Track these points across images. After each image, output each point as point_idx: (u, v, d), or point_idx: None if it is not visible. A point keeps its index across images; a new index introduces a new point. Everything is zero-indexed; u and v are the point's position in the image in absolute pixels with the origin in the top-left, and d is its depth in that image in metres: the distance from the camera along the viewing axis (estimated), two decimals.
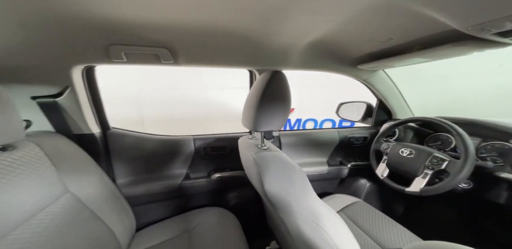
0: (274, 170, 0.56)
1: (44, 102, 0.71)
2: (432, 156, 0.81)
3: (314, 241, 0.55)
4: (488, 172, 0.74)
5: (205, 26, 0.57)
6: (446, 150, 0.95)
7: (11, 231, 0.45)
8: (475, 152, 0.75)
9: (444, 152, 0.88)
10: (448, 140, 0.97)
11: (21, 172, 0.51)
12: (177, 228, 0.87)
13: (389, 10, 0.50)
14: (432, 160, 0.81)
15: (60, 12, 0.47)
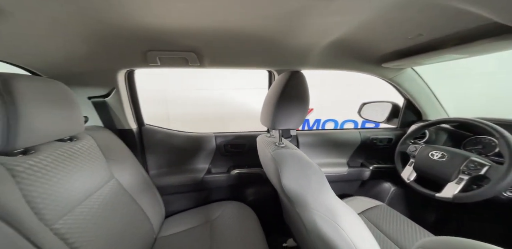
0: (291, 166, 0.58)
1: (97, 101, 0.84)
2: (469, 160, 0.75)
3: (331, 237, 0.56)
4: None
5: (229, 31, 0.62)
6: (489, 155, 0.85)
7: (76, 206, 0.55)
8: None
9: (485, 157, 0.80)
10: (491, 143, 0.88)
11: (82, 159, 0.62)
12: (199, 218, 0.94)
13: (418, 5, 0.49)
14: (468, 165, 0.74)
15: (111, 25, 0.56)
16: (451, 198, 0.74)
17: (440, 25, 0.57)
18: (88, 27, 0.55)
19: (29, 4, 0.42)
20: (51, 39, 0.57)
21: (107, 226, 0.60)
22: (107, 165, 0.72)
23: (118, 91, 0.86)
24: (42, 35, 0.54)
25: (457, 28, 0.57)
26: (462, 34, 0.59)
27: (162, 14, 0.52)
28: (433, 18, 0.54)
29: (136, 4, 0.44)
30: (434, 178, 0.83)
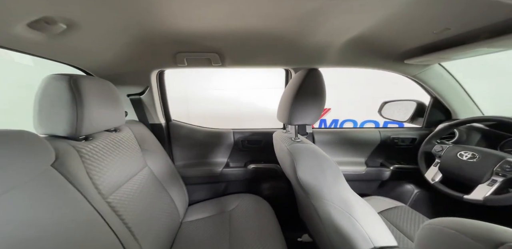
0: (306, 159, 0.61)
1: (134, 98, 0.96)
2: (504, 161, 0.70)
3: (345, 229, 0.57)
4: None
5: (248, 32, 0.67)
6: None
7: (121, 186, 0.65)
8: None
9: None
10: None
11: (123, 148, 0.72)
12: (219, 208, 1.01)
13: (437, 3, 0.48)
14: (503, 166, 0.69)
15: (148, 30, 0.65)
16: (481, 201, 0.70)
17: (468, 18, 0.55)
18: (130, 33, 0.65)
19: (92, 17, 0.51)
20: (102, 45, 0.68)
21: (143, 207, 0.69)
22: (141, 155, 0.82)
23: (151, 90, 0.97)
24: (96, 41, 0.64)
25: (488, 21, 0.54)
26: (494, 27, 0.55)
27: (190, 19, 0.58)
28: (461, 11, 0.53)
29: (169, 10, 0.51)
30: (462, 179, 0.79)
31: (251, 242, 0.74)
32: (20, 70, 1.13)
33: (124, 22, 0.57)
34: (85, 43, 0.62)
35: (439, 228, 0.24)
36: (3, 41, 0.51)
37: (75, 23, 0.51)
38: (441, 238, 0.24)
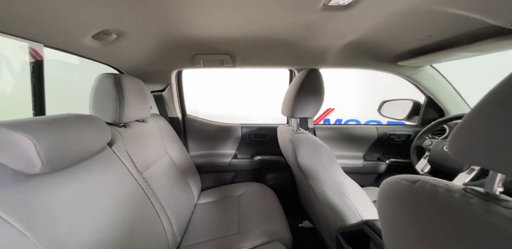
0: (306, 147, 0.72)
1: (156, 94, 1.10)
2: None
3: (338, 205, 0.68)
4: None
5: (257, 37, 0.79)
6: None
7: (149, 167, 0.77)
8: None
9: None
10: None
11: (149, 136, 0.85)
12: (228, 193, 1.13)
13: (425, 12, 0.58)
14: None
15: (172, 34, 0.77)
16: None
17: (447, 27, 0.65)
18: (159, 38, 0.78)
19: (134, 26, 0.64)
20: (136, 48, 0.81)
21: (167, 186, 0.82)
22: (162, 143, 0.95)
23: (171, 87, 1.10)
24: (133, 45, 0.78)
25: (463, 29, 0.64)
26: (469, 35, 0.65)
27: (208, 26, 0.70)
28: (440, 22, 0.63)
29: (190, 19, 0.63)
30: (447, 169, 0.88)
31: (257, 222, 0.85)
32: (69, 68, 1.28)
33: (155, 29, 0.70)
34: (124, 47, 0.76)
35: (396, 180, 0.35)
36: (76, 49, 0.66)
37: (122, 32, 0.64)
38: (397, 189, 0.34)
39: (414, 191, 0.29)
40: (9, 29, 0.47)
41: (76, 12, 0.49)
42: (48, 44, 0.56)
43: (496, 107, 0.21)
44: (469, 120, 0.23)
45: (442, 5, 0.53)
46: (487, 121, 0.21)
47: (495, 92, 0.21)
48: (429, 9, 0.55)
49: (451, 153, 0.26)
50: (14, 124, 0.35)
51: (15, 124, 0.35)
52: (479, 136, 0.22)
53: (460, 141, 0.24)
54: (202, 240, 0.78)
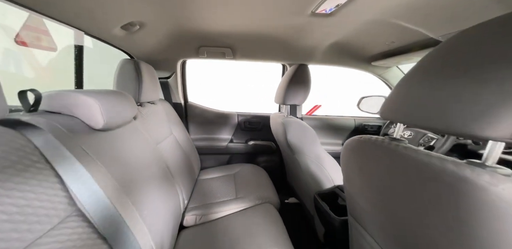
0: (294, 128, 0.90)
1: (162, 81, 1.20)
2: (425, 135, 1.02)
3: (317, 174, 0.87)
4: (471, 149, 0.92)
5: (255, 33, 0.94)
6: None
7: (160, 142, 0.90)
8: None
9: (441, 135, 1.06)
10: None
11: (158, 116, 0.97)
12: (225, 172, 1.28)
13: (386, 23, 0.77)
14: (424, 139, 1.01)
15: (182, 26, 0.89)
16: None
17: (404, 36, 0.85)
18: (170, 28, 0.90)
19: (153, 19, 0.75)
20: (150, 37, 0.92)
21: (175, 160, 0.95)
22: (169, 124, 1.07)
23: (175, 75, 1.21)
24: (149, 35, 0.88)
25: (415, 38, 0.84)
26: (419, 43, 0.86)
27: (213, 20, 0.83)
28: (398, 31, 0.82)
29: (200, 11, 0.75)
30: None
31: (251, 190, 1.02)
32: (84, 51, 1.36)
33: (169, 22, 0.82)
34: (142, 37, 0.86)
35: (353, 138, 0.52)
36: (106, 37, 0.78)
37: (143, 24, 0.75)
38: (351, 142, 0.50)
39: (362, 142, 0.46)
40: (60, 17, 0.57)
41: (112, 6, 0.60)
42: (87, 32, 0.67)
43: (403, 83, 0.37)
44: (390, 94, 0.40)
45: (396, 19, 0.71)
46: (397, 92, 0.38)
47: (407, 74, 0.38)
48: (388, 21, 0.74)
49: (380, 116, 0.43)
50: (85, 92, 0.48)
51: (85, 92, 0.48)
52: (392, 102, 0.38)
53: (384, 108, 0.41)
54: (203, 203, 0.94)
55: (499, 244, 0.22)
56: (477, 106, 0.24)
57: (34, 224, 0.31)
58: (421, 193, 0.30)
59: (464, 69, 0.26)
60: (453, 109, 0.26)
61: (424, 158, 0.30)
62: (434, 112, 0.29)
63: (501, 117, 0.22)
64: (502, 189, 0.21)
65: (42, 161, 0.36)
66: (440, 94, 0.28)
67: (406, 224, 0.34)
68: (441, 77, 0.29)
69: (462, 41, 0.29)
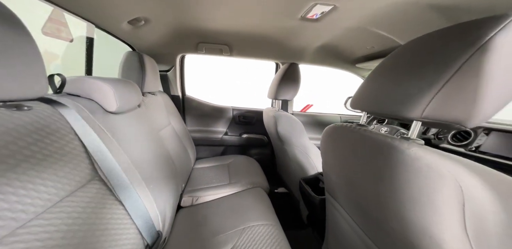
0: (284, 120, 1.00)
1: (162, 74, 1.26)
2: (398, 131, 1.16)
3: (303, 162, 0.98)
4: (434, 143, 1.06)
5: (250, 31, 1.03)
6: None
7: (161, 129, 0.97)
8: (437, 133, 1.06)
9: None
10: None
11: (158, 106, 1.03)
12: (220, 162, 1.36)
13: (364, 30, 0.88)
14: (397, 134, 1.15)
15: (183, 23, 0.96)
16: None
17: (381, 41, 0.97)
18: (172, 24, 0.96)
19: (157, 14, 0.82)
20: (153, 32, 0.98)
21: (174, 148, 1.02)
22: (167, 115, 1.14)
23: (175, 69, 1.28)
24: (152, 29, 0.94)
25: (390, 44, 0.96)
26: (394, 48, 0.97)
27: (212, 18, 0.91)
28: (375, 37, 0.94)
29: (200, 8, 0.81)
30: None
31: (244, 177, 1.11)
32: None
33: (171, 18, 0.89)
34: (146, 31, 0.93)
35: (330, 125, 0.62)
36: (114, 31, 0.84)
37: (148, 20, 0.82)
38: (328, 129, 0.61)
39: (336, 127, 0.56)
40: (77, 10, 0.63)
41: (122, 2, 0.66)
42: (98, 26, 0.72)
43: (366, 80, 0.48)
44: (357, 89, 0.50)
45: (373, 27, 0.83)
46: (361, 88, 0.48)
47: (369, 73, 0.49)
48: (367, 28, 0.85)
49: (350, 106, 0.54)
50: (101, 78, 0.54)
51: (101, 78, 0.55)
52: (358, 95, 0.49)
53: (352, 100, 0.51)
54: (199, 187, 1.02)
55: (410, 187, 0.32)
56: (406, 96, 0.34)
57: (65, 185, 0.39)
58: (372, 164, 0.40)
59: (404, 69, 0.37)
60: (393, 98, 0.37)
61: (375, 136, 0.40)
62: (383, 101, 0.39)
63: (416, 103, 0.32)
64: (412, 151, 0.32)
65: (72, 133, 0.43)
66: (388, 88, 0.39)
67: (362, 190, 0.45)
68: (390, 75, 0.40)
69: (408, 48, 0.40)
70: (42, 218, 0.33)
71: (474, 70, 0.27)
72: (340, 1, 0.66)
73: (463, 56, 0.28)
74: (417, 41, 0.38)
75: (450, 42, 0.31)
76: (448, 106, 0.30)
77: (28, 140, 0.34)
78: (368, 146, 0.41)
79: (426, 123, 0.35)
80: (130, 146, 0.60)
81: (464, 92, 0.28)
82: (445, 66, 0.30)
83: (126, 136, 0.60)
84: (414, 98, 0.33)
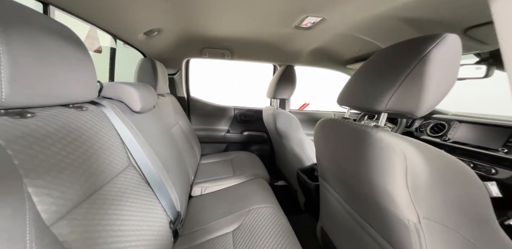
0: (282, 117, 1.11)
1: (169, 77, 1.37)
2: (386, 125, 1.28)
3: (299, 154, 1.10)
4: (416, 135, 1.19)
5: (251, 38, 1.14)
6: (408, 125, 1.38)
7: (172, 127, 1.07)
8: (419, 126, 1.18)
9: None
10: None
11: (167, 106, 1.14)
12: (223, 157, 1.47)
13: (351, 35, 1.00)
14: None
15: (189, 30, 1.07)
16: None
17: (365, 46, 1.09)
18: (180, 33, 1.07)
19: (168, 26, 0.93)
20: (163, 40, 1.09)
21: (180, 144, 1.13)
22: (174, 115, 1.24)
23: (180, 72, 1.38)
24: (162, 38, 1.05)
25: (374, 48, 1.08)
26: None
27: (217, 26, 1.01)
28: (361, 41, 1.05)
29: (206, 18, 0.92)
30: None
31: (246, 169, 1.23)
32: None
33: (180, 28, 1.00)
34: (157, 39, 1.03)
35: (323, 119, 0.74)
36: (132, 41, 0.95)
37: (161, 30, 0.93)
38: (320, 122, 0.72)
39: (327, 121, 0.67)
40: (104, 26, 0.74)
41: (140, 18, 0.77)
42: (119, 37, 0.83)
43: (349, 79, 0.59)
44: (342, 88, 0.62)
45: (357, 33, 0.95)
46: (345, 86, 0.59)
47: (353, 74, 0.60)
48: (352, 35, 0.97)
49: (337, 103, 0.65)
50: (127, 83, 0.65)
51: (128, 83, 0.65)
52: (342, 92, 0.60)
53: (338, 97, 0.62)
54: (207, 179, 1.13)
55: (376, 160, 0.43)
56: (375, 93, 0.46)
57: (110, 170, 0.49)
58: (352, 147, 0.51)
59: (376, 72, 0.48)
60: (367, 95, 0.48)
61: (355, 126, 0.52)
62: (361, 97, 0.51)
63: (382, 99, 0.44)
64: (379, 135, 0.43)
65: (113, 129, 0.54)
66: (364, 87, 0.50)
67: (346, 169, 0.56)
68: (365, 77, 0.51)
69: (379, 56, 0.51)
70: (91, 198, 0.40)
71: (418, 75, 0.39)
72: (328, 14, 0.77)
73: (411, 65, 0.40)
74: (386, 50, 0.50)
75: (405, 53, 0.43)
76: (403, 101, 0.41)
77: (89, 133, 0.45)
78: (349, 133, 0.53)
79: (390, 113, 0.46)
80: (152, 140, 0.70)
81: (413, 91, 0.40)
82: (401, 71, 0.41)
83: (148, 132, 0.71)
84: (381, 95, 0.44)
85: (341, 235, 0.66)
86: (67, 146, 0.37)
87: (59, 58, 0.36)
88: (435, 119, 1.13)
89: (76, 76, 0.41)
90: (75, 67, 0.40)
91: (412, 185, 0.36)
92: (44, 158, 0.32)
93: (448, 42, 0.38)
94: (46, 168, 0.32)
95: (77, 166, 0.38)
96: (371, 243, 0.49)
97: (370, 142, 0.44)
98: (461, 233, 0.33)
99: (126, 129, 0.57)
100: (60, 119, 0.38)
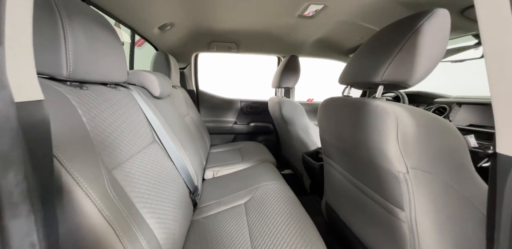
0: (287, 104, 1.17)
1: (180, 71, 1.45)
2: None
3: (305, 139, 1.16)
4: None
5: (255, 30, 1.21)
6: None
7: (186, 115, 1.16)
8: None
9: None
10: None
11: (179, 99, 1.22)
12: (231, 147, 1.55)
13: (352, 23, 1.04)
14: None
15: (201, 26, 1.14)
16: None
17: (367, 33, 1.13)
18: (191, 27, 1.15)
19: (180, 20, 1.01)
20: (175, 35, 1.17)
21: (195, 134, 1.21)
22: (186, 106, 1.33)
23: (190, 66, 1.47)
24: (175, 32, 1.13)
25: None
26: None
27: (223, 19, 1.08)
28: (362, 29, 1.09)
29: (213, 13, 0.99)
30: None
31: (254, 155, 1.30)
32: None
33: (191, 23, 1.07)
34: (169, 34, 1.12)
35: (326, 99, 0.79)
36: (147, 35, 1.04)
37: (173, 24, 1.01)
38: (324, 101, 0.78)
39: (329, 100, 0.72)
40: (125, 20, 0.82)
41: (155, 13, 0.85)
42: (137, 31, 0.92)
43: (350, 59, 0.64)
44: (344, 67, 0.67)
45: (359, 20, 0.99)
46: (346, 65, 0.65)
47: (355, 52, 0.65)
48: (354, 22, 1.01)
49: (338, 82, 0.71)
50: (148, 71, 0.74)
51: (148, 71, 0.74)
52: (343, 72, 0.65)
53: (340, 77, 0.68)
54: (216, 164, 1.21)
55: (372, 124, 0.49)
56: (372, 67, 0.51)
57: (139, 143, 0.57)
58: (352, 117, 0.57)
59: (373, 49, 0.54)
60: (364, 69, 0.54)
61: (354, 99, 0.58)
62: (358, 72, 0.56)
63: (378, 71, 0.49)
64: (375, 103, 0.49)
65: (139, 109, 0.62)
66: (362, 63, 0.56)
67: (345, 138, 0.62)
68: (363, 54, 0.57)
69: (377, 34, 0.56)
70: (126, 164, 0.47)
71: (412, 47, 0.44)
72: (329, 0, 0.83)
73: (404, 38, 0.45)
74: (382, 30, 0.55)
75: (399, 29, 0.48)
76: (398, 71, 0.46)
77: (124, 109, 0.53)
78: (349, 106, 0.58)
79: (385, 85, 0.51)
80: (169, 121, 0.79)
81: (406, 61, 0.45)
82: (395, 45, 0.46)
83: (166, 116, 0.80)
84: (377, 68, 0.50)
85: (343, 204, 0.72)
86: (112, 114, 0.46)
87: (103, 44, 0.44)
88: (436, 104, 1.16)
89: (113, 60, 0.49)
90: (113, 52, 0.48)
91: (401, 140, 0.41)
92: (100, 119, 0.40)
93: (438, 16, 0.43)
94: (102, 128, 0.40)
95: (120, 131, 0.47)
96: (369, 203, 0.55)
97: (368, 110, 0.50)
98: (441, 177, 0.39)
99: (149, 111, 0.65)
100: (105, 93, 0.47)
